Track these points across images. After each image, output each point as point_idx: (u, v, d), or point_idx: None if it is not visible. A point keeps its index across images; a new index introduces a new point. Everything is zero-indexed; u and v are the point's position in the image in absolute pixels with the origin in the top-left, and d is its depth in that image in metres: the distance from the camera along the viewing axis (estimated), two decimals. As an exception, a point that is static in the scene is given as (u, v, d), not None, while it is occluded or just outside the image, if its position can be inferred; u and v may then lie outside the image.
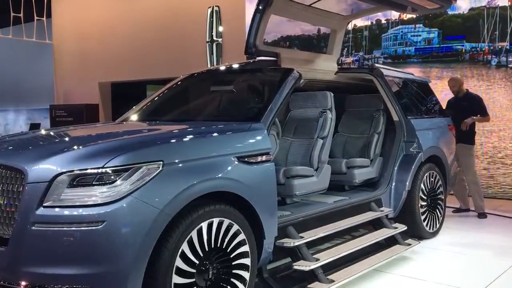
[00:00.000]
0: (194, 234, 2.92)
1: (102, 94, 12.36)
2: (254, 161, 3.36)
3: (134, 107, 4.66)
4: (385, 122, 5.41)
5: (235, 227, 3.17)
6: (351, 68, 5.46)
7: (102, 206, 2.64)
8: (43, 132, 3.73)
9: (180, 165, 2.92)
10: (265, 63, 4.57)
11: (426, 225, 5.34)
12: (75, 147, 2.92)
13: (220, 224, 3.08)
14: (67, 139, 3.41)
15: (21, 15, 12.59)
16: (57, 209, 2.66)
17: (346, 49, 8.56)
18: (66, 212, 2.66)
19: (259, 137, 3.47)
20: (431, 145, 5.48)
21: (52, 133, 3.62)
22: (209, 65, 9.66)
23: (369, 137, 5.35)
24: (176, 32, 10.72)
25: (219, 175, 3.10)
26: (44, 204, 2.67)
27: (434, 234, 5.49)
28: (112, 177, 2.70)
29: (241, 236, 3.21)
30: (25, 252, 2.66)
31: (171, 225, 2.82)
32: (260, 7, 4.26)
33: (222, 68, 4.89)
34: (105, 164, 2.71)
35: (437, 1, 4.67)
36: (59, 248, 2.62)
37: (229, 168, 3.18)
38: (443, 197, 5.69)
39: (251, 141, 3.41)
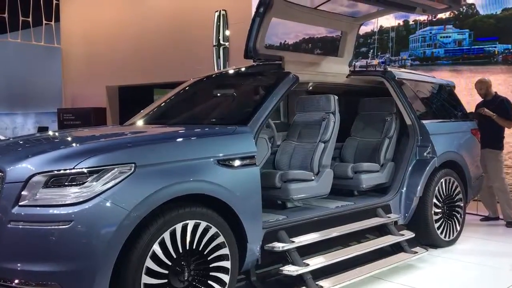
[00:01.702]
0: (166, 235, 2.91)
1: (109, 98, 12.48)
2: (236, 164, 3.30)
3: (142, 111, 4.72)
4: (398, 126, 5.19)
5: (213, 229, 3.13)
6: (362, 71, 5.27)
7: (71, 206, 2.69)
8: (29, 136, 3.84)
9: (154, 167, 2.92)
10: (269, 67, 4.50)
11: (441, 233, 5.07)
12: (52, 149, 2.97)
13: (196, 226, 3.05)
14: (46, 142, 3.49)
15: (30, 19, 12.78)
16: (31, 208, 2.73)
17: (372, 51, 8.31)
18: (39, 211, 2.72)
19: (243, 141, 3.42)
20: (447, 150, 5.20)
21: (35, 137, 3.72)
22: (215, 69, 9.66)
23: (380, 141, 5.15)
24: (183, 36, 10.72)
25: (195, 178, 3.07)
26: (19, 203, 2.74)
27: (451, 243, 5.20)
28: (83, 178, 2.74)
29: (220, 239, 3.17)
30: (0, 249, 2.74)
31: (142, 226, 2.82)
32: (260, 11, 4.19)
33: (220, 73, 4.87)
34: (76, 165, 2.75)
35: (446, 2, 4.44)
36: (31, 246, 2.69)
37: (208, 171, 3.14)
38: (461, 205, 5.38)
39: (233, 144, 3.36)
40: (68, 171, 2.74)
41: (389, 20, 8.05)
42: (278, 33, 9.18)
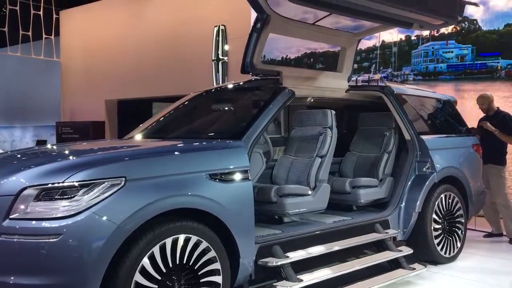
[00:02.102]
0: (156, 249, 2.90)
1: (108, 111, 12.46)
2: (228, 178, 3.30)
3: (141, 125, 4.73)
4: (397, 141, 5.16)
5: (204, 244, 3.11)
6: (361, 86, 5.26)
7: (61, 219, 2.69)
8: (24, 150, 3.87)
9: (145, 181, 2.92)
10: (266, 81, 4.51)
11: (441, 249, 4.99)
12: (43, 163, 2.99)
13: (186, 240, 3.03)
14: (39, 156, 3.51)
15: (30, 33, 12.91)
16: (22, 221, 2.74)
17: (374, 65, 8.30)
18: (30, 224, 2.73)
19: (236, 155, 3.41)
20: (447, 165, 5.15)
21: (30, 151, 3.74)
22: (214, 83, 9.69)
23: (379, 156, 5.12)
24: (183, 50, 10.74)
25: (186, 192, 3.07)
26: (10, 216, 2.75)
27: (451, 259, 5.12)
28: (73, 191, 2.75)
29: (211, 254, 3.15)
30: (-8, 261, 2.74)
31: (131, 240, 2.82)
32: (258, 26, 4.22)
33: (219, 87, 4.88)
34: (66, 179, 2.76)
35: (442, 18, 4.45)
36: (21, 259, 2.69)
37: (199, 185, 3.14)
38: (462, 221, 5.31)
39: (226, 159, 3.35)
40: (58, 184, 2.75)
41: (392, 35, 8.06)
42: (280, 47, 9.21)
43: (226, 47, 9.78)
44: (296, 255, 3.73)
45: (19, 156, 3.46)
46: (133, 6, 12.25)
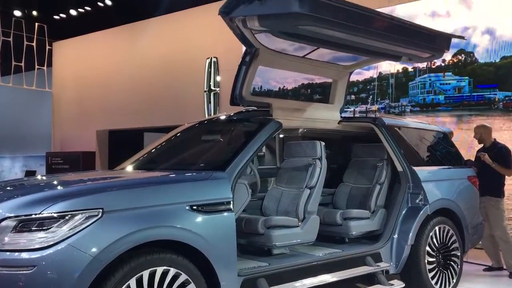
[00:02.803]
0: (132, 282, 2.85)
1: (99, 142, 12.43)
2: (210, 210, 3.26)
3: (132, 157, 4.72)
4: (390, 172, 5.10)
5: (183, 276, 3.06)
6: (353, 118, 5.26)
7: (36, 251, 2.68)
8: (5, 182, 3.88)
9: (123, 212, 2.90)
10: (256, 113, 4.52)
11: (436, 283, 4.85)
12: (23, 194, 2.98)
13: (165, 273, 2.98)
14: (20, 187, 3.51)
15: (23, 64, 13.07)
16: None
17: (371, 96, 8.30)
18: (7, 255, 2.71)
19: (218, 187, 3.38)
20: (440, 197, 5.06)
21: (13, 182, 3.75)
22: (206, 114, 9.74)
23: (372, 188, 5.05)
24: (175, 81, 10.80)
25: (165, 224, 3.03)
26: None
27: (447, 294, 4.98)
28: (50, 223, 2.73)
29: (191, 287, 3.09)
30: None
31: (107, 272, 2.77)
32: (246, 60, 4.25)
33: (210, 119, 4.90)
34: (43, 210, 2.75)
35: (429, 51, 4.47)
36: (-3, 290, 2.66)
37: (179, 216, 3.10)
38: (458, 254, 5.18)
39: (208, 190, 3.33)
40: (35, 216, 2.74)
41: (388, 67, 8.09)
42: (277, 77, 9.27)
43: (218, 79, 9.89)
44: (281, 288, 3.64)
45: (1, 187, 3.46)
46: (126, 38, 12.36)
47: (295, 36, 3.79)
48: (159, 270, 2.96)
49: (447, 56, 7.86)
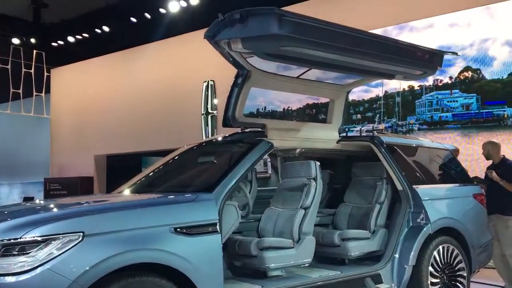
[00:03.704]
0: (113, 305, 2.81)
1: (97, 167, 12.41)
2: (194, 232, 3.22)
3: (129, 181, 4.71)
4: (390, 191, 4.96)
5: (167, 300, 3.01)
6: (352, 137, 5.17)
7: (16, 275, 2.68)
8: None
9: (104, 236, 2.88)
10: (251, 134, 4.48)
11: (441, 304, 4.67)
12: (7, 219, 2.99)
13: (147, 297, 2.94)
14: (7, 212, 3.51)
15: (21, 91, 13.09)
16: None
17: (378, 115, 8.20)
18: (-7, 279, 2.70)
19: (204, 208, 3.34)
20: (443, 216, 4.90)
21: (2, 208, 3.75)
22: (204, 137, 9.73)
23: (371, 207, 4.93)
24: (172, 105, 10.77)
25: (147, 247, 3.00)
26: None
27: (453, 316, 4.77)
28: (30, 247, 2.73)
29: (175, 310, 3.03)
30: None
31: (86, 297, 2.75)
32: (238, 81, 4.25)
33: (203, 142, 4.88)
34: (23, 234, 2.75)
35: (421, 69, 4.39)
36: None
37: (162, 239, 3.07)
38: (464, 274, 4.98)
39: (193, 212, 3.29)
40: (16, 240, 2.74)
41: (394, 85, 8.01)
42: (281, 97, 9.27)
43: (215, 101, 9.92)
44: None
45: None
46: (123, 64, 12.43)
47: (280, 57, 3.77)
48: (141, 293, 2.91)
49: (454, 73, 7.76)
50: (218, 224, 3.35)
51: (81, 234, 2.81)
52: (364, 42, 3.67)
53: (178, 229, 3.15)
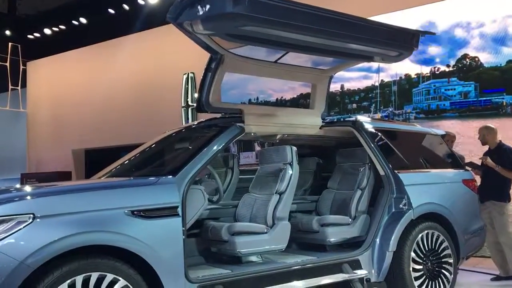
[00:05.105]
0: (64, 287, 2.75)
1: (75, 161, 12.08)
2: (152, 215, 3.14)
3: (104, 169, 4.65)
4: (372, 177, 4.80)
5: (122, 282, 2.94)
6: (333, 122, 5.02)
7: (-35, 256, 2.63)
8: None
9: (55, 218, 2.83)
10: (227, 120, 4.38)
11: (424, 292, 4.49)
12: None
13: (101, 279, 2.87)
14: None
15: None
16: None
17: (374, 104, 7.98)
18: None
19: (164, 192, 3.26)
20: (426, 202, 4.71)
21: None
22: None
23: (353, 193, 4.78)
24: (151, 98, 10.42)
25: (100, 229, 2.93)
26: None
27: (438, 304, 4.58)
28: None
29: (131, 293, 2.96)
30: None
31: (37, 277, 2.70)
32: (212, 66, 4.15)
33: (179, 129, 4.77)
34: None
35: (396, 49, 4.20)
36: None
37: (117, 222, 3.00)
38: (451, 261, 4.78)
39: (151, 195, 3.21)
40: (-34, 222, 2.71)
41: (390, 74, 7.78)
42: (274, 86, 9.09)
43: (196, 94, 9.73)
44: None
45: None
46: (101, 56, 12.03)
47: (247, 39, 3.64)
48: (94, 275, 2.85)
49: (451, 61, 7.51)
50: (180, 207, 3.26)
51: (31, 215, 2.76)
52: (327, 21, 3.52)
53: (135, 212, 3.07)
